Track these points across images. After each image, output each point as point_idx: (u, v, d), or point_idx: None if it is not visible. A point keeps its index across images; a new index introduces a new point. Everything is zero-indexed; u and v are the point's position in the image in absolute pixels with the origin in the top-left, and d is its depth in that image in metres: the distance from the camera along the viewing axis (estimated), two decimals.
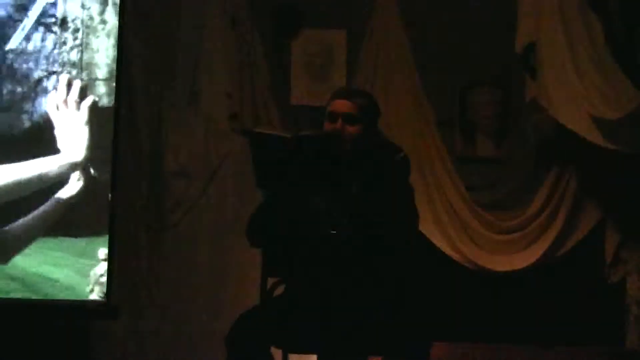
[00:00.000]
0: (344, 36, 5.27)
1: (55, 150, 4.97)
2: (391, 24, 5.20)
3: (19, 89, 5.15)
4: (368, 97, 3.25)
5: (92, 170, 5.03)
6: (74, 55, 5.14)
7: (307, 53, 5.28)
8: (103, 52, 5.10)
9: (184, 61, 5.27)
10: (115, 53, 5.26)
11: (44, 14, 5.14)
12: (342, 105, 3.13)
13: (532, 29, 4.75)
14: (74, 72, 5.09)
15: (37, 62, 5.12)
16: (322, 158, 2.95)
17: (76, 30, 5.13)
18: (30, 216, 5.01)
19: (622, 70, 4.57)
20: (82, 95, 4.94)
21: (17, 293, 5.11)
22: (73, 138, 4.97)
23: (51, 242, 5.03)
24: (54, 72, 5.09)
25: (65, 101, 4.94)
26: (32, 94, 5.12)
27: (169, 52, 5.28)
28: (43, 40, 5.14)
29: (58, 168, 4.99)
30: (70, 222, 5.03)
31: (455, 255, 5.04)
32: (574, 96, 4.57)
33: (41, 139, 4.98)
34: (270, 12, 5.28)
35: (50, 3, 5.11)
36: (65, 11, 5.13)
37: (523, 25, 4.78)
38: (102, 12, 5.12)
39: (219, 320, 4.84)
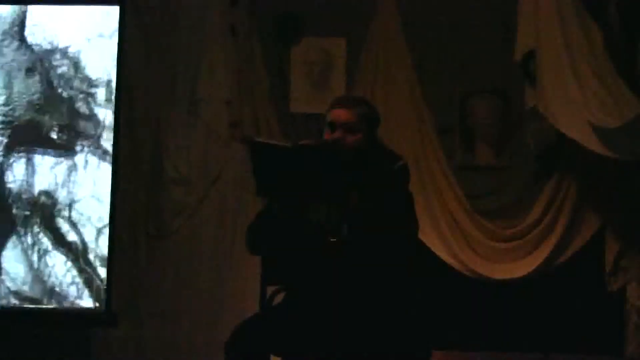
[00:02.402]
0: (344, 44, 5.28)
1: None
2: (391, 32, 5.21)
3: None
4: (368, 105, 3.25)
5: None
6: None
7: (306, 61, 5.29)
8: None
9: (184, 69, 5.28)
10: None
11: None
12: (342, 115, 3.13)
13: (532, 37, 4.76)
14: None
15: None
16: (323, 166, 2.95)
17: None
18: None
19: (621, 78, 4.58)
20: None
21: None
22: None
23: None
24: None
25: None
26: None
27: (169, 60, 5.29)
28: None
29: None
30: None
31: (454, 263, 5.04)
32: (573, 104, 4.58)
33: None
34: (270, 20, 5.30)
35: None
36: None
37: (522, 33, 4.79)
38: None
39: (218, 327, 4.84)
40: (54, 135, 5.38)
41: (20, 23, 5.45)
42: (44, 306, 5.35)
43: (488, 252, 5.08)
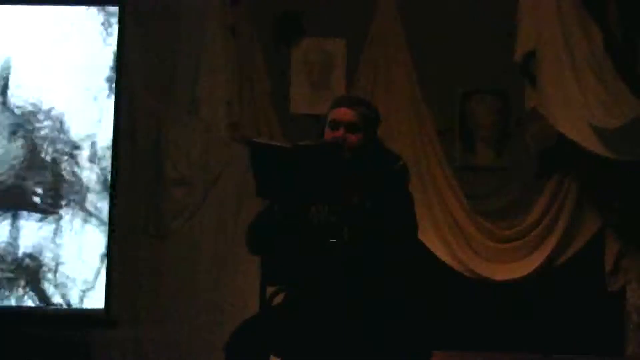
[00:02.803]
0: (344, 45, 5.28)
1: None
2: (391, 33, 5.22)
3: None
4: (369, 105, 3.25)
5: None
6: None
7: (306, 61, 5.29)
8: None
9: (184, 70, 5.28)
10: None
11: None
12: (344, 114, 3.13)
13: (532, 38, 4.76)
14: None
15: None
16: (323, 167, 2.95)
17: None
18: None
19: (621, 78, 4.58)
20: None
21: None
22: None
23: None
24: None
25: None
26: None
27: (169, 61, 5.29)
28: None
29: None
30: None
31: (454, 264, 5.04)
32: (574, 105, 4.58)
33: None
34: (270, 20, 5.29)
35: None
36: None
37: (522, 33, 4.79)
38: None
39: (218, 327, 4.83)
40: (37, 199, 5.35)
41: (3, 85, 5.42)
42: (43, 308, 5.35)
43: (488, 253, 5.08)
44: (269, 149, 2.97)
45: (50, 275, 5.35)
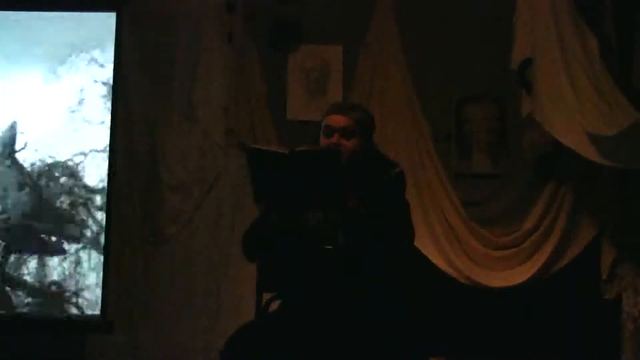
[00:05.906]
0: (340, 51, 5.29)
1: None
2: (388, 39, 5.22)
3: None
4: (364, 111, 3.27)
5: None
6: None
7: (303, 68, 5.30)
8: None
9: (181, 76, 5.28)
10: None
11: None
12: (338, 120, 3.15)
13: (528, 45, 4.77)
14: None
15: None
16: (319, 173, 2.95)
17: None
18: None
19: (617, 85, 4.58)
20: None
21: None
22: None
23: None
24: None
25: None
26: None
27: (166, 66, 5.29)
28: None
29: None
30: None
31: (450, 271, 5.04)
32: (570, 112, 4.58)
33: None
34: (267, 27, 5.30)
35: None
36: None
37: (519, 41, 4.80)
38: None
39: (214, 333, 4.84)
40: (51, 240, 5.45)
41: (10, 146, 5.48)
42: (39, 313, 5.34)
43: (484, 260, 5.08)
44: (266, 155, 2.98)
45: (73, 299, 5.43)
